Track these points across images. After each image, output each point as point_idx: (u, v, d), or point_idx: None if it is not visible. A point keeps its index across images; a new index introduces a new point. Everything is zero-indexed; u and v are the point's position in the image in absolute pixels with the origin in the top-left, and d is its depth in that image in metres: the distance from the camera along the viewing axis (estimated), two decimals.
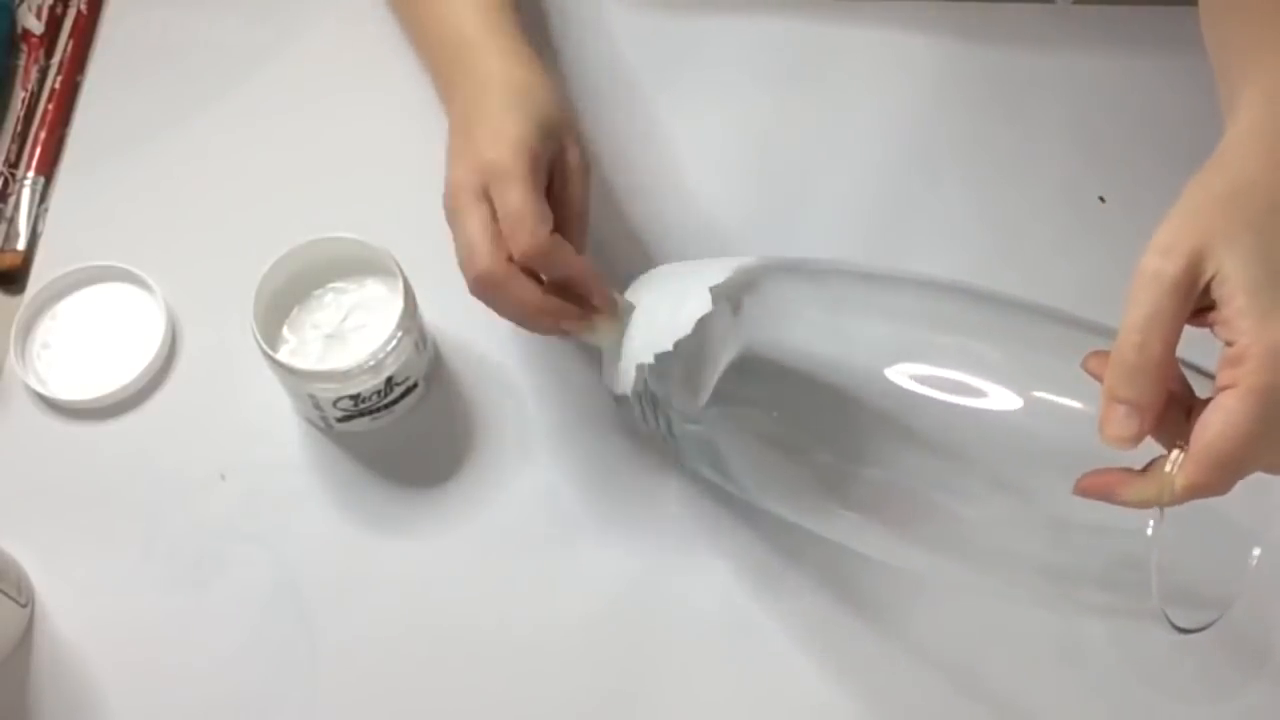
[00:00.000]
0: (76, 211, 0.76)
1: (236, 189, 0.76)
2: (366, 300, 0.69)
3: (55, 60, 0.81)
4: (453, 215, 0.61)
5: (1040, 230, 0.74)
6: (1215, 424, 0.44)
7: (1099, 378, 0.47)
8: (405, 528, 0.67)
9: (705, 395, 0.59)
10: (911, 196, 0.75)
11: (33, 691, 0.64)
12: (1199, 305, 0.46)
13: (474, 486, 0.68)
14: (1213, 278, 0.45)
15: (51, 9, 0.82)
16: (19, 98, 0.80)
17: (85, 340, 0.72)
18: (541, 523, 0.67)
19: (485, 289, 0.60)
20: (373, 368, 0.64)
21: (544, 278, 0.61)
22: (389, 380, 0.66)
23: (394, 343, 0.64)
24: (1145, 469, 0.47)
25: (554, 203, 0.61)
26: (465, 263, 0.60)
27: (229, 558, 0.66)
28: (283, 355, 0.67)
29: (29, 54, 0.81)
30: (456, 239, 0.61)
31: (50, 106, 0.79)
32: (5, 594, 0.62)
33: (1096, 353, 0.48)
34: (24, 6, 0.83)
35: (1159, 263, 0.46)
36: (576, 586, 0.65)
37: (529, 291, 0.60)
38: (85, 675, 0.64)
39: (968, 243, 0.73)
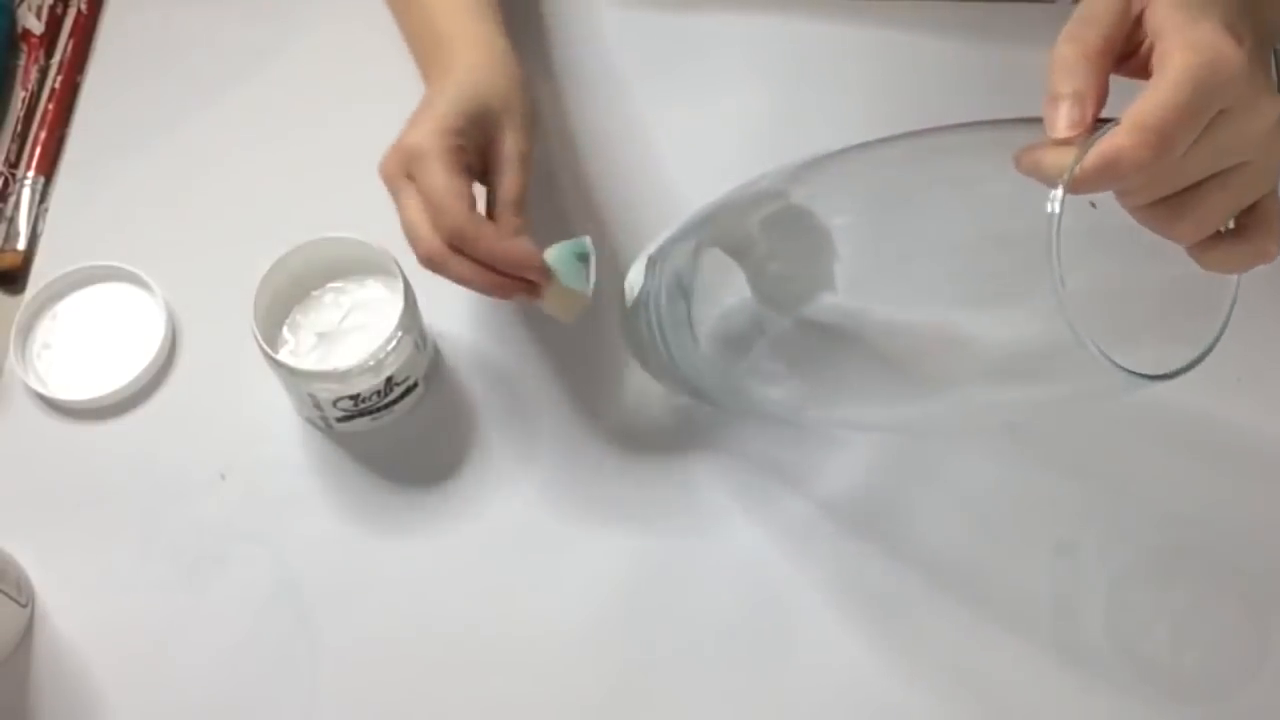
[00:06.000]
0: (76, 211, 0.76)
1: (237, 189, 0.76)
2: (366, 300, 0.69)
3: (55, 60, 0.81)
4: (392, 197, 0.62)
5: None
6: (1145, 98, 0.44)
7: (1027, 169, 0.46)
8: (405, 528, 0.67)
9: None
10: None
11: (33, 691, 0.64)
12: (1133, 46, 0.47)
13: (474, 486, 0.68)
14: (1145, 9, 0.47)
15: (51, 9, 0.82)
16: (19, 98, 0.80)
17: (85, 340, 0.72)
18: (541, 523, 0.67)
19: (432, 268, 0.61)
20: (373, 368, 0.64)
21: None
22: (389, 380, 0.66)
23: (394, 343, 0.64)
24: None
25: (489, 189, 0.63)
26: (410, 244, 0.61)
27: (229, 557, 0.66)
28: (283, 355, 0.67)
29: (29, 54, 0.81)
30: (400, 219, 0.62)
31: (50, 106, 0.79)
32: (5, 594, 0.62)
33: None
34: (24, 6, 0.83)
35: None
36: (577, 586, 0.65)
37: (468, 271, 0.61)
38: (85, 675, 0.64)
39: None
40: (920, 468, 0.67)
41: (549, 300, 0.62)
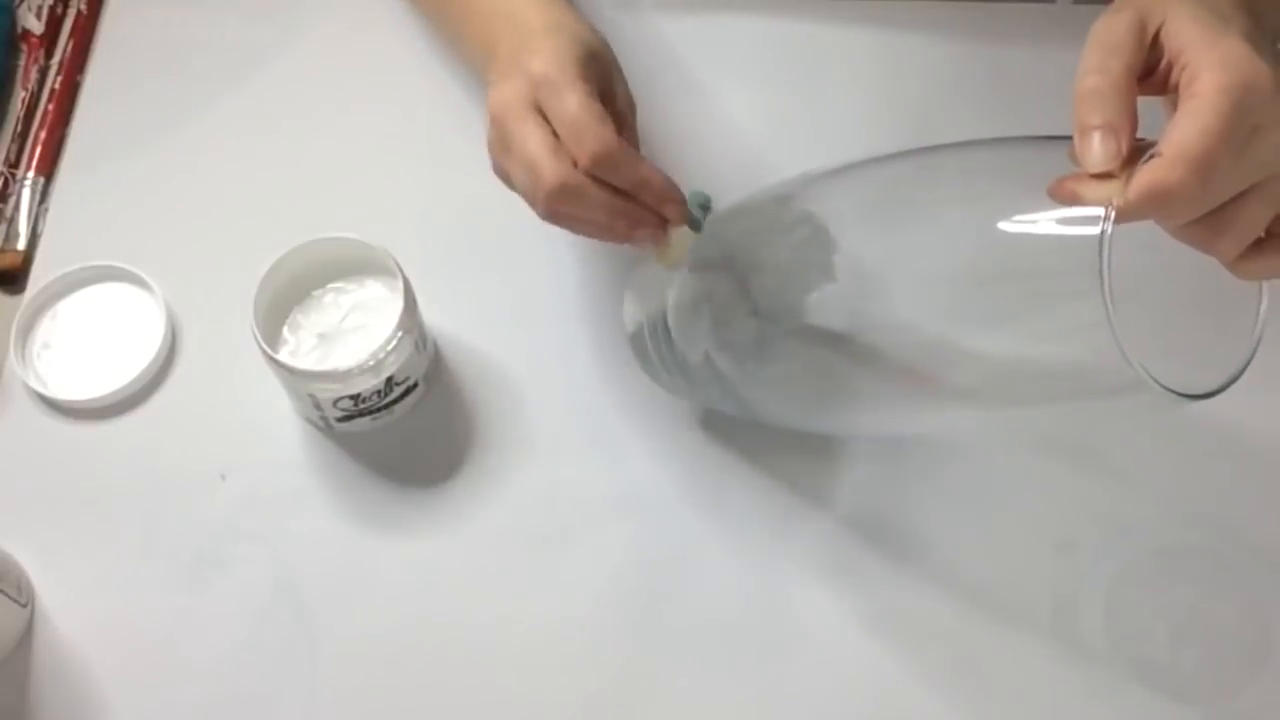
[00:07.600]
0: (76, 211, 0.76)
1: (237, 189, 0.76)
2: (366, 300, 0.69)
3: (55, 60, 0.81)
4: (504, 139, 0.57)
5: None
6: (1182, 124, 0.43)
7: (1063, 199, 0.46)
8: (405, 528, 0.67)
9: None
10: None
11: (33, 691, 0.64)
12: (1149, 65, 0.47)
13: (474, 486, 0.68)
14: (1160, 27, 0.46)
15: (51, 9, 0.82)
16: (19, 98, 0.80)
17: (85, 340, 0.72)
18: (541, 522, 0.67)
19: (562, 202, 0.56)
20: (373, 368, 0.64)
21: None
22: (389, 380, 0.66)
23: (394, 343, 0.64)
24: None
25: None
26: (532, 182, 0.56)
27: (229, 558, 0.66)
28: (283, 355, 0.67)
29: (29, 54, 0.81)
30: (512, 165, 0.57)
31: (50, 106, 0.79)
32: (5, 594, 0.62)
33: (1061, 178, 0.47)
34: (24, 6, 0.83)
35: (1108, 17, 0.47)
36: (576, 586, 0.65)
37: (605, 200, 0.56)
38: (85, 675, 0.64)
39: None
40: (920, 467, 0.67)
41: (674, 241, 0.58)
